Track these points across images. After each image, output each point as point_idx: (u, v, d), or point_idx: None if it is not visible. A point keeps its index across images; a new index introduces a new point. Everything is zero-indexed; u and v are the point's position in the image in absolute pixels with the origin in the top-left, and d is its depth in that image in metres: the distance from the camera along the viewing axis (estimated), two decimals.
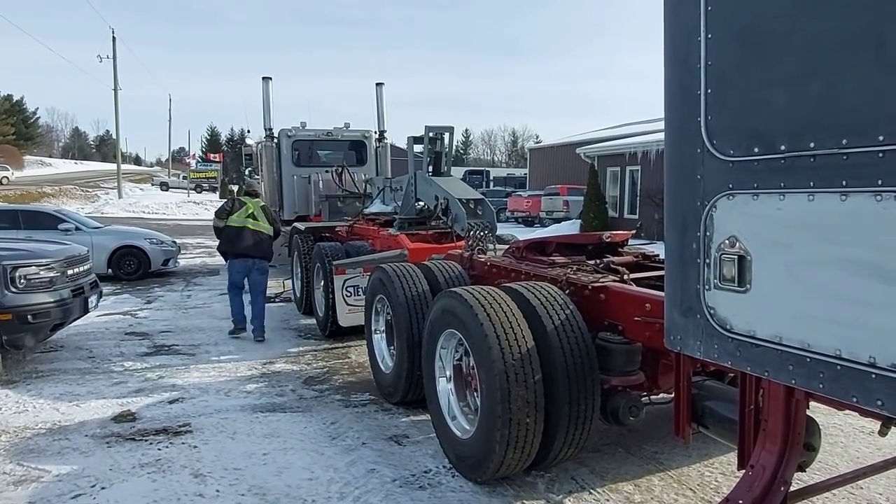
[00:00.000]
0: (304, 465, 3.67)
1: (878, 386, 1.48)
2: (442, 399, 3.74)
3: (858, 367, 1.51)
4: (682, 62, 1.94)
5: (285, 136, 10.81)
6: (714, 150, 1.85)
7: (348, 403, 4.77)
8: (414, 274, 4.53)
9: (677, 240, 2.03)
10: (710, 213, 1.88)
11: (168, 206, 33.73)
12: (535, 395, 3.05)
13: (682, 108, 1.96)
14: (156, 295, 9.78)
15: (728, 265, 1.81)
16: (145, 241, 11.59)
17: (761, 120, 1.71)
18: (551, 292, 3.40)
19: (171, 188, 49.52)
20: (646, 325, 3.12)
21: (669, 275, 2.13)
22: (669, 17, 1.98)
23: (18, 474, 3.59)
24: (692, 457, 3.72)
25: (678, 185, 2.01)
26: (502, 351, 3.07)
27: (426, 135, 6.84)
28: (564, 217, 23.68)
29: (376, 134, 11.57)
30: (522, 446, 3.10)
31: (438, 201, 6.46)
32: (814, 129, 1.57)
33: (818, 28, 1.55)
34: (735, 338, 1.86)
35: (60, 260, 5.86)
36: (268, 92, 11.06)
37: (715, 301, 1.90)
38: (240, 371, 5.65)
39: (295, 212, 10.77)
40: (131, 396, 4.94)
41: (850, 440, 3.94)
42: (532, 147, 44.45)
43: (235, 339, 6.87)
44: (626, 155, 20.78)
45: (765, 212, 1.71)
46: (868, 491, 3.27)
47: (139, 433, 4.18)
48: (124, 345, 6.62)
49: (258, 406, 4.70)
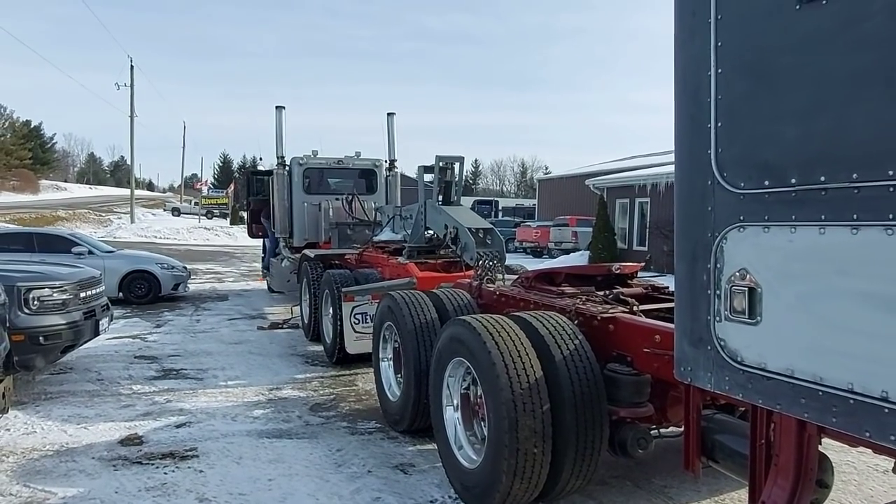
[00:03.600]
0: (308, 491, 3.64)
1: (891, 420, 1.47)
2: (449, 428, 3.71)
3: (871, 401, 1.50)
4: (692, 95, 1.98)
5: (297, 164, 10.97)
6: (724, 182, 1.88)
7: (354, 431, 4.74)
8: (423, 301, 4.54)
9: (687, 271, 2.05)
10: (720, 245, 1.90)
11: (179, 231, 34.07)
12: (542, 425, 3.03)
13: (692, 140, 1.99)
14: (165, 319, 9.82)
15: (739, 297, 1.82)
16: (156, 265, 11.70)
17: (772, 153, 1.73)
18: (560, 322, 3.40)
19: (182, 213, 50.10)
20: (655, 357, 3.11)
21: (679, 306, 2.14)
22: (680, 52, 2.03)
23: (25, 496, 3.59)
24: (702, 492, 3.66)
25: (688, 217, 2.04)
26: (510, 380, 3.06)
27: (436, 164, 6.92)
28: (573, 248, 23.65)
29: (386, 163, 11.71)
30: (530, 476, 3.06)
31: (448, 230, 6.50)
32: (824, 162, 1.59)
33: (827, 63, 1.59)
34: (746, 370, 1.86)
35: (73, 283, 5.92)
36: (280, 121, 11.27)
37: (725, 333, 1.91)
38: (247, 396, 5.64)
39: (305, 238, 10.86)
40: (139, 420, 4.94)
41: (863, 478, 3.86)
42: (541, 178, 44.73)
43: (243, 363, 6.88)
44: (636, 187, 20.84)
45: (776, 244, 1.73)
46: None
47: (146, 457, 4.17)
48: (133, 368, 6.63)
49: (264, 432, 4.68)
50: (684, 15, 1.99)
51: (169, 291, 11.70)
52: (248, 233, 13.24)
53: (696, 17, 1.93)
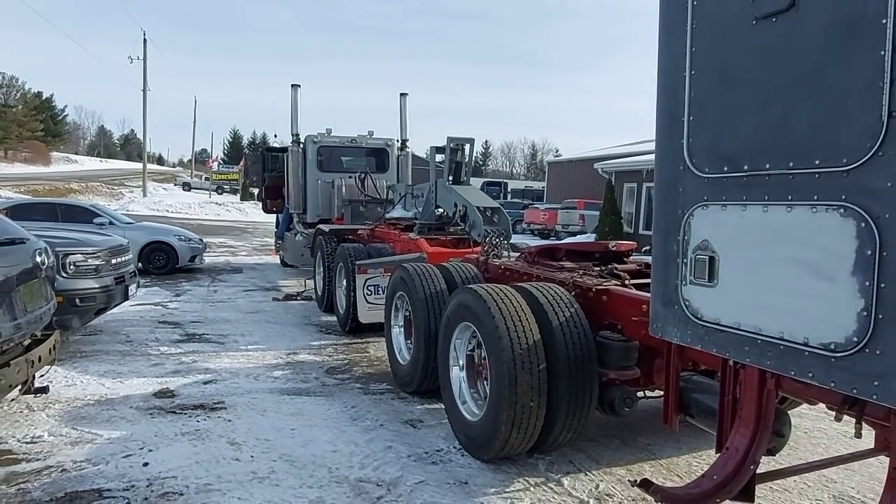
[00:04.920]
0: (327, 439, 4.05)
1: (811, 360, 1.82)
2: (454, 385, 4.10)
3: (796, 346, 1.86)
4: (671, 93, 2.31)
5: (311, 142, 11.30)
6: (693, 168, 2.22)
7: (367, 391, 5.15)
8: (433, 273, 4.91)
9: (662, 242, 2.40)
10: (688, 220, 2.25)
11: (191, 206, 34.57)
12: (538, 382, 3.40)
13: (669, 131, 2.33)
14: (184, 289, 10.26)
15: (701, 264, 2.17)
16: (174, 237, 12.12)
17: (730, 144, 2.07)
18: (558, 292, 3.76)
19: (192, 189, 50.62)
20: (643, 325, 3.44)
21: (655, 272, 2.50)
22: (662, 56, 2.36)
23: (73, 437, 4.02)
24: (682, 448, 4.05)
25: (664, 196, 2.38)
26: (511, 341, 3.43)
27: (448, 145, 7.25)
28: (580, 231, 23.96)
29: (398, 142, 12.02)
30: (526, 427, 3.45)
31: (457, 208, 6.85)
32: (768, 152, 1.93)
33: (773, 70, 1.92)
34: (704, 325, 2.21)
35: (105, 249, 6.33)
36: (296, 99, 11.57)
37: (690, 294, 2.26)
38: (266, 359, 6.05)
39: (318, 215, 11.23)
40: (169, 376, 5.37)
41: (832, 442, 4.23)
42: (551, 160, 44.77)
43: (261, 330, 7.30)
44: (644, 172, 21.06)
45: (730, 220, 2.07)
46: (842, 485, 3.57)
47: (178, 407, 4.60)
48: (158, 332, 7.07)
49: (285, 389, 5.10)
50: (667, 23, 2.31)
51: (186, 263, 12.15)
52: (263, 208, 13.61)
53: (675, 26, 2.25)
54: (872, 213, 1.67)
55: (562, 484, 3.49)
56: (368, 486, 3.42)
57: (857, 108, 1.69)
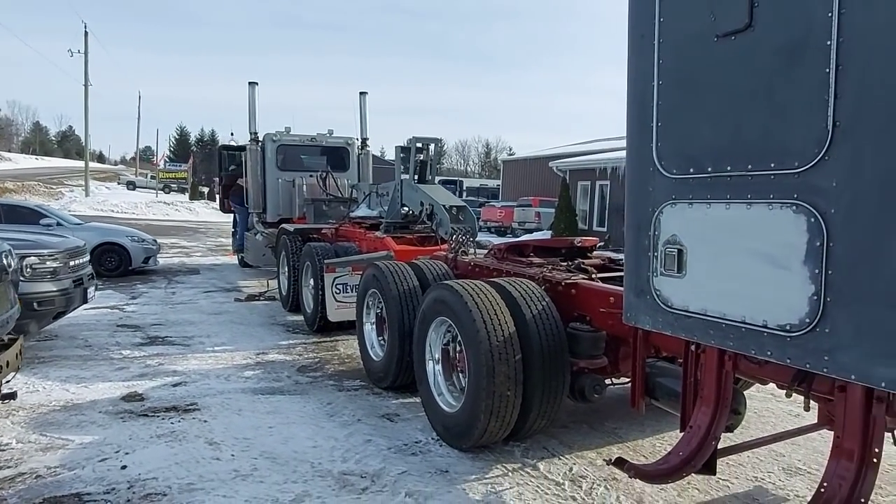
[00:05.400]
0: (306, 435, 4.13)
1: (768, 340, 2.05)
2: (431, 379, 4.24)
3: (756, 328, 2.08)
4: (640, 101, 2.51)
5: (270, 141, 11.21)
6: (662, 169, 2.42)
7: (341, 388, 5.23)
8: (406, 271, 5.03)
9: (634, 238, 2.60)
10: (658, 217, 2.46)
11: (138, 206, 33.44)
12: (515, 372, 3.58)
13: (640, 136, 2.53)
14: (140, 291, 10.04)
15: (670, 257, 2.37)
16: (127, 238, 11.80)
17: (695, 148, 2.28)
18: (530, 287, 3.95)
19: (138, 188, 48.95)
20: (610, 315, 3.68)
21: (627, 265, 2.70)
22: (632, 66, 2.56)
23: (44, 443, 3.96)
24: (646, 431, 4.30)
25: (636, 195, 2.59)
26: (488, 334, 3.59)
27: (413, 145, 7.37)
28: (536, 228, 24.44)
29: (359, 141, 12.04)
30: (503, 416, 3.62)
31: (424, 207, 6.98)
32: (729, 156, 2.14)
33: (732, 82, 2.13)
34: (674, 312, 2.43)
35: (62, 251, 6.18)
36: (253, 96, 11.46)
37: (660, 285, 2.47)
38: (235, 360, 6.04)
39: (279, 214, 11.16)
40: (135, 380, 5.31)
41: (778, 420, 4.58)
42: (505, 159, 45.37)
43: (227, 331, 7.25)
44: (597, 170, 21.67)
45: (696, 216, 2.28)
46: (790, 458, 3.89)
47: (150, 410, 4.57)
48: (118, 336, 6.93)
49: (258, 389, 5.13)
50: (635, 37, 2.51)
51: (139, 265, 11.85)
52: (221, 208, 13.39)
53: (644, 40, 2.45)
54: (820, 209, 1.90)
55: (538, 468, 3.68)
56: (353, 478, 3.52)
57: (806, 118, 1.91)
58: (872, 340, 1.78)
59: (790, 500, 3.37)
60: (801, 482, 3.58)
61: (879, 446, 2.34)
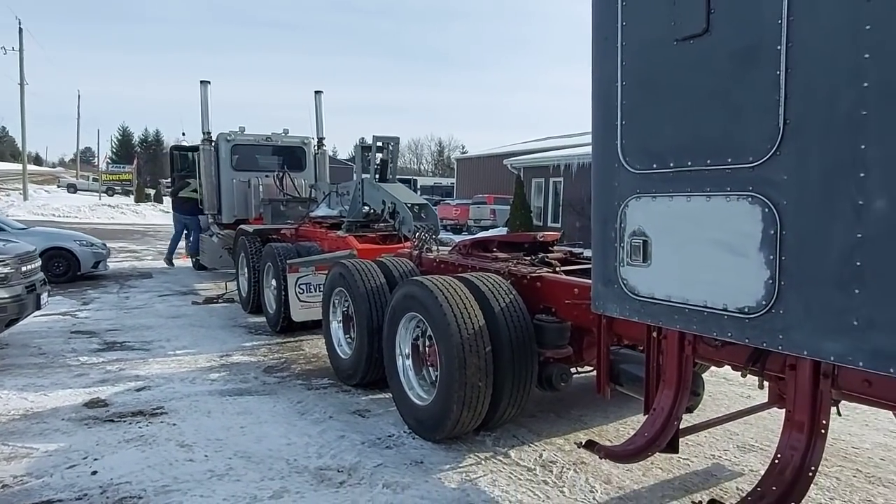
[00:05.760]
0: (279, 434, 4.14)
1: (729, 322, 2.22)
2: (401, 374, 4.31)
3: (717, 311, 2.25)
4: (605, 101, 2.65)
5: (224, 141, 11.01)
6: (626, 165, 2.57)
7: (310, 387, 5.23)
8: (372, 269, 5.08)
9: (601, 230, 2.75)
10: (623, 210, 2.61)
11: (81, 210, 32.13)
12: (485, 363, 3.69)
13: (605, 134, 2.67)
14: (91, 297, 9.71)
15: (636, 248, 2.53)
16: (75, 243, 11.37)
17: (657, 145, 2.44)
18: (497, 281, 4.07)
19: (79, 191, 47.05)
20: (574, 307, 3.84)
21: (595, 257, 2.85)
22: (596, 68, 2.70)
23: (6, 452, 3.84)
24: (610, 417, 4.49)
25: (602, 190, 2.73)
26: (459, 327, 3.69)
27: (374, 144, 7.40)
28: (491, 225, 24.71)
29: (315, 141, 11.96)
30: (475, 406, 3.73)
31: (386, 205, 7.02)
32: (689, 152, 2.31)
33: (690, 83, 2.30)
34: (640, 299, 2.58)
35: (13, 256, 5.97)
36: (205, 96, 11.23)
37: (627, 274, 2.62)
38: (199, 363, 5.95)
39: (234, 215, 10.98)
40: (97, 386, 5.18)
41: (731, 402, 4.85)
42: (459, 157, 45.65)
43: (188, 334, 7.12)
44: (550, 167, 22.11)
45: (660, 209, 2.44)
46: (743, 437, 4.14)
47: (116, 416, 4.48)
48: (73, 342, 6.72)
49: (225, 391, 5.08)
50: (599, 40, 2.65)
51: (89, 270, 11.43)
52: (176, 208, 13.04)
53: (607, 42, 2.60)
54: (773, 200, 2.08)
55: (509, 456, 3.81)
56: (329, 472, 3.56)
57: (759, 117, 2.08)
58: (821, 319, 1.96)
59: (745, 475, 3.60)
60: (754, 458, 3.82)
61: (826, 418, 2.54)
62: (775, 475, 2.50)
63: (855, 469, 3.71)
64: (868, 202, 1.81)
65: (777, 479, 2.48)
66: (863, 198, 1.83)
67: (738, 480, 3.54)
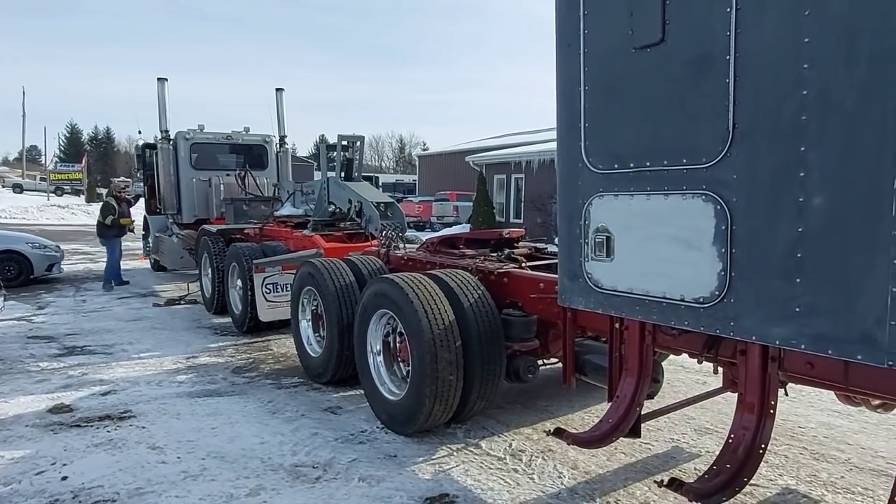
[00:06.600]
0: (252, 433, 4.16)
1: (686, 312, 2.39)
2: (373, 370, 4.39)
3: (675, 302, 2.42)
4: (569, 104, 2.79)
5: (183, 139, 10.82)
6: (590, 166, 2.71)
7: (280, 386, 5.25)
8: (341, 267, 5.12)
9: (567, 227, 2.89)
10: (587, 208, 2.75)
11: (28, 210, 30.91)
12: (456, 357, 3.80)
13: (569, 135, 2.81)
14: (46, 301, 9.43)
15: (599, 243, 2.67)
16: (27, 245, 11.01)
17: (618, 146, 2.59)
18: (466, 277, 4.18)
19: (25, 191, 45.21)
20: (540, 301, 3.98)
21: (561, 253, 2.99)
22: (560, 72, 2.83)
23: None
24: (575, 407, 4.67)
25: (567, 189, 2.87)
26: (430, 323, 3.79)
27: (339, 142, 7.42)
28: (454, 222, 24.87)
29: (276, 138, 11.85)
30: (447, 399, 3.84)
31: (352, 204, 7.06)
32: (648, 154, 2.46)
33: (649, 89, 2.45)
34: (604, 292, 2.73)
35: None
36: (163, 93, 11.00)
37: (591, 268, 2.77)
38: (164, 365, 5.89)
39: (195, 215, 10.81)
40: (60, 391, 5.08)
41: (688, 388, 5.09)
42: (421, 154, 45.68)
43: (150, 337, 7.02)
44: (512, 164, 22.39)
45: (621, 207, 2.59)
46: (699, 421, 4.37)
47: (82, 420, 4.42)
48: (32, 347, 6.55)
49: (194, 392, 5.06)
50: (563, 46, 2.78)
51: (42, 273, 11.09)
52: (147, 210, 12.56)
53: (570, 48, 2.73)
54: (725, 198, 2.24)
55: (480, 446, 3.93)
56: (304, 469, 3.62)
57: (712, 121, 2.24)
58: (767, 306, 2.14)
59: (702, 455, 3.81)
60: (710, 440, 4.04)
61: (775, 399, 2.74)
62: (729, 454, 2.68)
63: (801, 447, 3.96)
64: (808, 199, 1.99)
65: (731, 458, 2.66)
66: (803, 195, 2.00)
67: (695, 461, 3.75)
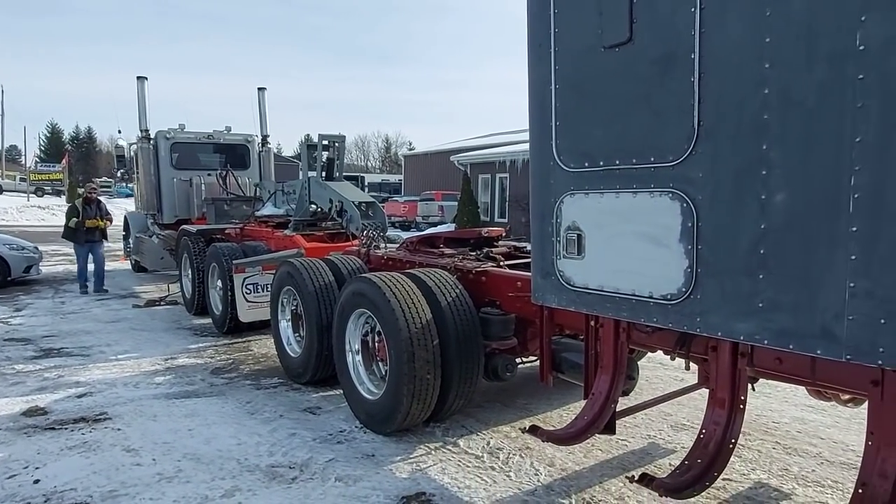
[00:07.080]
0: (229, 434, 4.13)
1: (654, 308, 2.41)
2: (351, 370, 4.38)
3: (643, 299, 2.44)
4: (540, 103, 2.80)
5: (163, 138, 10.73)
6: (561, 164, 2.73)
7: (259, 386, 5.22)
8: (321, 267, 5.11)
9: (539, 226, 2.90)
10: (559, 207, 2.77)
11: (8, 211, 30.47)
12: (433, 356, 3.81)
13: (541, 134, 2.83)
14: (24, 303, 9.29)
15: (571, 241, 2.69)
16: (4, 246, 10.82)
17: (588, 145, 2.61)
18: (443, 276, 4.19)
19: (5, 191, 44.49)
20: (517, 299, 4.00)
21: (534, 251, 3.00)
22: (532, 71, 2.85)
23: None
24: (554, 405, 4.69)
25: (539, 187, 2.88)
26: (407, 322, 3.79)
27: (320, 142, 7.39)
28: (440, 221, 24.88)
29: (259, 138, 11.78)
30: (425, 398, 3.84)
31: (333, 204, 7.03)
32: (617, 152, 2.48)
33: (617, 89, 2.47)
34: (576, 290, 2.75)
35: None
36: (143, 92, 10.90)
37: (563, 266, 2.79)
38: (143, 367, 5.84)
39: (176, 215, 10.72)
40: (35, 394, 5.01)
41: (667, 385, 5.14)
42: (406, 154, 45.61)
43: (129, 338, 6.95)
44: (496, 163, 22.44)
45: (592, 204, 2.61)
46: (676, 417, 4.41)
47: (56, 423, 4.36)
48: (7, 350, 6.45)
49: (171, 394, 5.01)
50: (534, 45, 2.80)
51: (20, 275, 10.92)
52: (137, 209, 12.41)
53: (541, 48, 2.74)
54: (690, 196, 2.27)
55: (458, 445, 3.94)
56: (281, 469, 3.60)
57: (677, 119, 2.27)
58: (732, 302, 2.17)
59: (678, 451, 3.85)
60: (686, 436, 4.09)
61: (745, 394, 2.78)
62: (700, 449, 2.71)
63: (774, 441, 4.02)
64: (769, 197, 2.01)
65: (702, 453, 2.69)
66: (765, 193, 2.03)
67: (671, 457, 3.79)
